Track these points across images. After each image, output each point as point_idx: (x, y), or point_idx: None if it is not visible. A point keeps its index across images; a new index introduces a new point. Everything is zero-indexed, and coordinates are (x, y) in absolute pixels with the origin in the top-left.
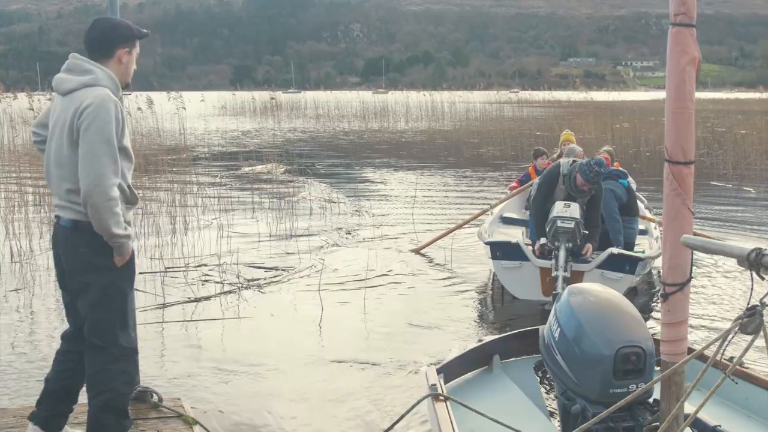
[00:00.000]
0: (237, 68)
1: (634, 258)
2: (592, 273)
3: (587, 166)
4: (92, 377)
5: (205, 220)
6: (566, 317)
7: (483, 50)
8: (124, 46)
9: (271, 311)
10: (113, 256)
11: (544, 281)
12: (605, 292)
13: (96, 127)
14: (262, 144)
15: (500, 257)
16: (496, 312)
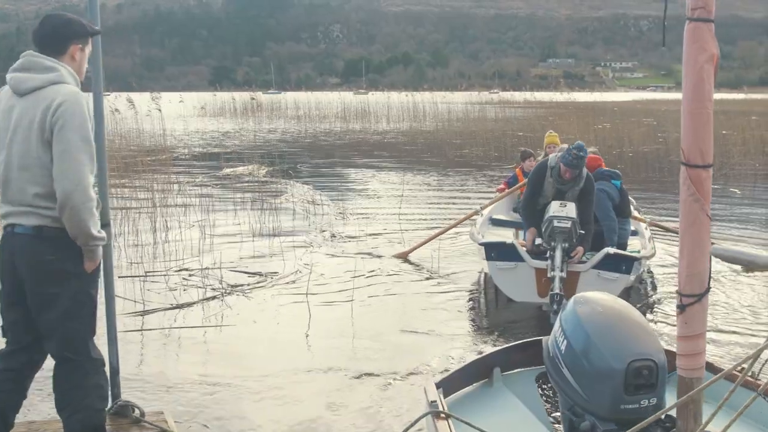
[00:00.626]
0: (216, 69)
1: (630, 258)
2: (588, 273)
3: (566, 152)
4: (66, 395)
5: (187, 223)
6: (573, 328)
7: (462, 51)
8: (77, 42)
9: (256, 318)
10: (82, 261)
11: (539, 282)
12: (614, 301)
13: (73, 124)
14: (243, 145)
15: (495, 258)
16: (490, 315)
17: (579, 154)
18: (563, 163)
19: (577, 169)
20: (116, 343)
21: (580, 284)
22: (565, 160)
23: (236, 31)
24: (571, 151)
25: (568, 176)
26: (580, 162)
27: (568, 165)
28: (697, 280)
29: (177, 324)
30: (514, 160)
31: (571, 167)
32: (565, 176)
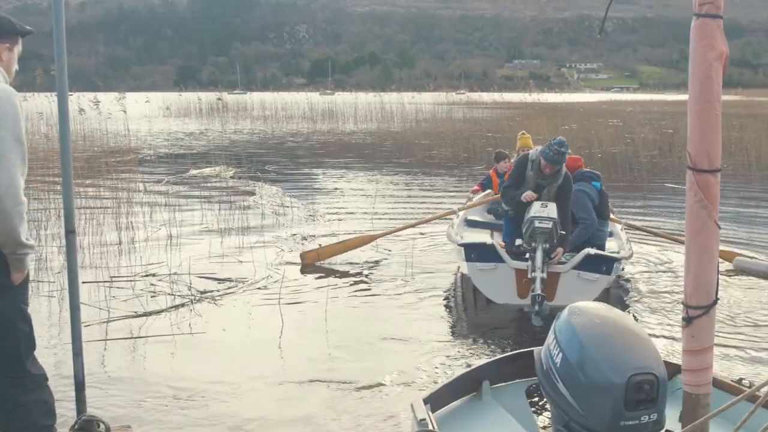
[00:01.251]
0: (181, 69)
1: (611, 258)
2: (569, 274)
3: (548, 146)
4: (9, 415)
5: (153, 226)
6: (569, 340)
7: (429, 52)
8: (5, 41)
9: (227, 326)
10: (8, 273)
11: (519, 283)
12: (610, 311)
13: (6, 123)
14: (209, 146)
15: (474, 259)
16: (470, 318)
17: (560, 150)
18: (543, 158)
19: (557, 165)
20: (82, 355)
21: (561, 285)
22: (545, 155)
23: (202, 31)
24: (552, 147)
25: (548, 171)
26: (561, 158)
27: (548, 160)
28: (704, 291)
29: (144, 333)
30: (484, 161)
31: (551, 162)
32: (545, 171)
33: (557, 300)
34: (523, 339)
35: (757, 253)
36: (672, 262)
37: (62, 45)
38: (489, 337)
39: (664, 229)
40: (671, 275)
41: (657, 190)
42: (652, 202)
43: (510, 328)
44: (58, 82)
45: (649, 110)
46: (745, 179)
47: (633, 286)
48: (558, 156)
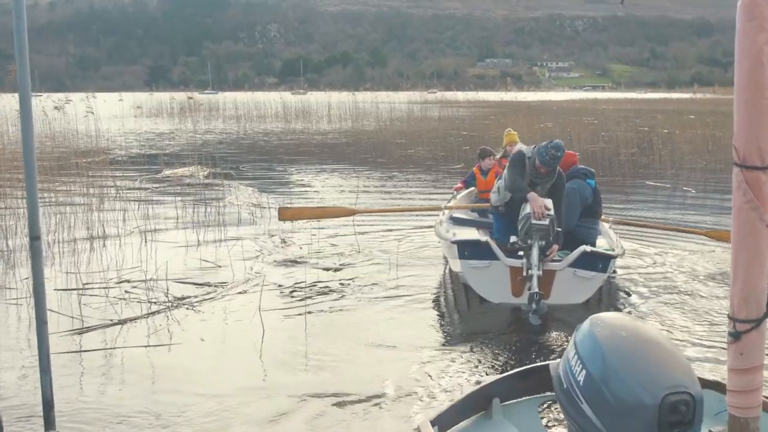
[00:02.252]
0: (152, 69)
1: (607, 256)
2: (564, 272)
3: (544, 148)
4: None
5: (127, 229)
6: (593, 355)
7: (401, 51)
8: None
9: (206, 334)
10: None
11: (514, 281)
12: (636, 322)
13: None
14: (182, 146)
15: (468, 257)
16: (463, 318)
17: (556, 155)
18: (540, 160)
19: (551, 168)
20: (49, 372)
21: (556, 283)
22: (542, 158)
23: (172, 31)
24: (549, 150)
25: (543, 172)
26: (556, 162)
27: (544, 163)
28: (754, 302)
29: (119, 343)
30: (462, 160)
31: (546, 165)
32: (540, 171)
33: (553, 298)
34: (521, 340)
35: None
36: (660, 256)
37: (24, 44)
38: (485, 340)
39: None
40: (661, 272)
41: (639, 187)
42: (634, 199)
43: (506, 329)
44: (21, 83)
45: (622, 108)
46: (730, 173)
47: (625, 285)
48: (553, 160)
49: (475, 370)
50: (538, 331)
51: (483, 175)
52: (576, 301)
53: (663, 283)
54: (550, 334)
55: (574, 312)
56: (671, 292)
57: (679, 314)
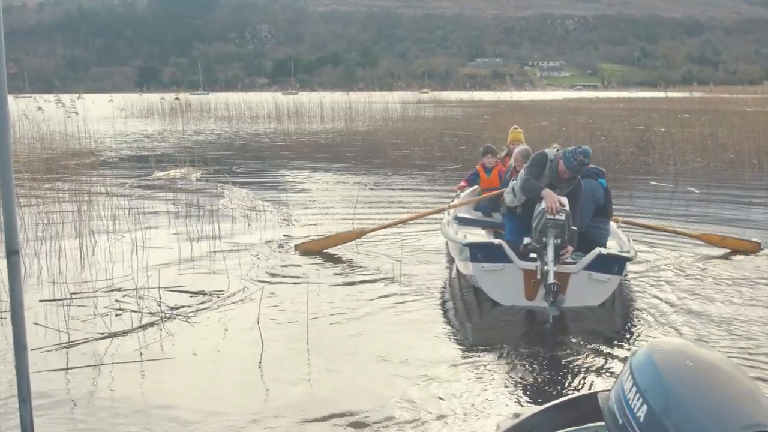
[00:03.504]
0: (142, 70)
1: (623, 258)
2: (579, 275)
3: (572, 153)
4: None
5: (117, 234)
6: (654, 388)
7: (391, 51)
8: None
9: (201, 349)
10: None
11: (527, 284)
12: (704, 351)
13: None
14: (174, 147)
15: (481, 259)
16: (475, 326)
17: (584, 161)
18: (565, 165)
19: (577, 173)
20: (29, 401)
21: (571, 286)
22: (568, 162)
23: (162, 31)
24: (577, 156)
25: (565, 177)
26: (582, 168)
27: (570, 168)
28: None
29: (109, 359)
30: (459, 160)
31: (572, 171)
32: (562, 176)
33: (568, 301)
34: (537, 350)
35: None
36: (667, 258)
37: (0, 43)
38: (500, 352)
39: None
40: (672, 275)
41: (642, 187)
42: (639, 200)
43: (522, 338)
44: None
45: (615, 107)
46: (733, 172)
47: (636, 288)
48: (580, 166)
49: (490, 387)
50: (554, 338)
51: (487, 173)
52: (591, 304)
53: (677, 286)
54: (568, 341)
55: (591, 316)
56: (687, 296)
57: (701, 320)
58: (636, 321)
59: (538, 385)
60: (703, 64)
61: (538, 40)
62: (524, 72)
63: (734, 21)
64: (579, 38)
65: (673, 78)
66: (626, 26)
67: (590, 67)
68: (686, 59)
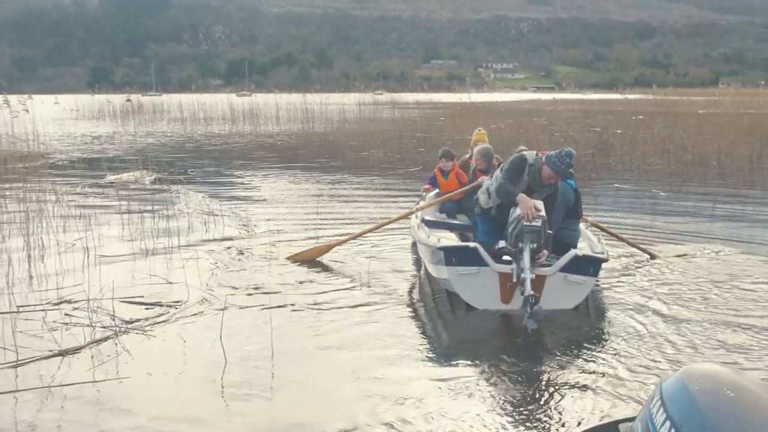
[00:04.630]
0: (94, 70)
1: (598, 259)
2: (555, 277)
3: (557, 157)
4: None
5: (67, 241)
6: (690, 420)
7: (347, 52)
8: None
9: (160, 366)
10: None
11: (503, 288)
12: (743, 379)
13: None
14: (126, 149)
15: (456, 263)
16: (450, 335)
17: (571, 163)
18: (552, 169)
19: (563, 178)
20: None
21: (547, 288)
22: (555, 166)
23: (114, 31)
24: (564, 159)
25: (550, 182)
26: (569, 171)
27: (558, 173)
28: None
29: (59, 379)
30: (419, 162)
31: (559, 175)
32: (545, 180)
33: (543, 304)
34: (517, 357)
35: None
36: (635, 258)
37: None
38: (479, 361)
39: (625, 232)
40: (642, 276)
41: (605, 190)
42: (603, 202)
43: (499, 345)
44: None
45: (570, 109)
46: (694, 174)
47: (606, 290)
48: (568, 169)
49: (470, 404)
50: (531, 348)
51: (444, 177)
52: (566, 307)
53: (648, 288)
54: (546, 349)
55: (566, 321)
56: (658, 297)
57: (677, 322)
58: (613, 326)
59: (520, 401)
60: (655, 67)
61: (492, 43)
62: (479, 74)
63: (684, 25)
64: (533, 41)
65: (626, 80)
66: (579, 29)
67: (544, 69)
68: (638, 62)
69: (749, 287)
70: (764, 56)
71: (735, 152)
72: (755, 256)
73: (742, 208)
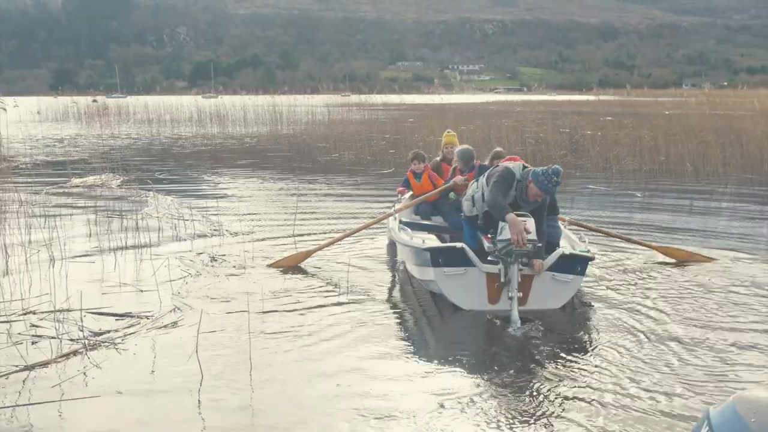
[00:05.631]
0: (57, 72)
1: (585, 258)
2: (543, 276)
3: (545, 176)
4: None
5: (32, 248)
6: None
7: (312, 54)
8: None
9: (132, 381)
10: None
11: (491, 288)
12: None
13: None
14: (91, 152)
15: (443, 264)
16: (435, 335)
17: (558, 181)
18: (539, 187)
19: (550, 194)
20: None
21: (534, 288)
22: (542, 185)
23: (77, 33)
24: (551, 178)
25: (538, 200)
26: (555, 189)
27: (545, 190)
28: None
29: (25, 398)
30: (392, 164)
31: (546, 193)
32: (534, 198)
33: (531, 303)
34: (507, 361)
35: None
36: (613, 257)
37: None
38: (468, 370)
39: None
40: (622, 275)
41: (580, 192)
42: (579, 204)
43: (488, 352)
44: None
45: (536, 110)
46: (668, 175)
47: (588, 291)
48: (555, 187)
49: (461, 418)
50: (521, 352)
51: (417, 179)
52: (553, 306)
53: (630, 287)
54: (537, 354)
55: (553, 321)
56: (643, 297)
57: (661, 320)
58: (600, 326)
59: (514, 412)
60: (619, 68)
61: (457, 44)
62: (445, 75)
63: (647, 26)
64: (497, 42)
65: (591, 81)
66: (544, 31)
67: (509, 71)
68: (602, 63)
69: (749, 290)
70: (726, 57)
71: (708, 153)
72: (754, 257)
73: (717, 205)
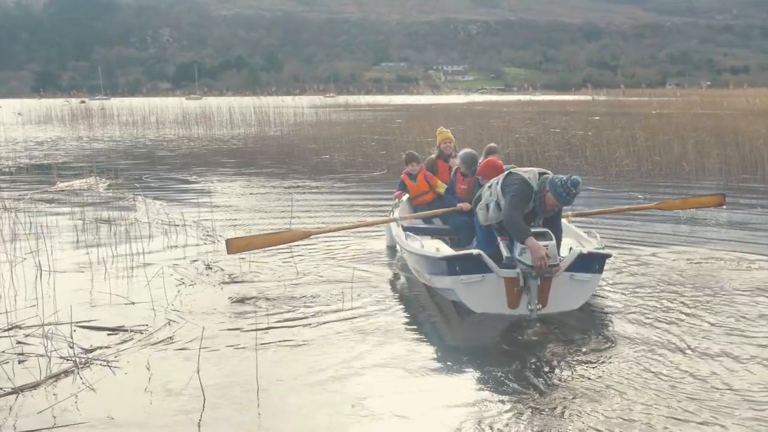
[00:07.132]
0: (39, 74)
1: (603, 255)
2: (562, 277)
3: (563, 188)
4: None
5: (17, 256)
6: None
7: (296, 55)
8: None
9: (126, 407)
10: None
11: (510, 293)
12: None
13: None
14: (77, 155)
15: (460, 272)
16: (456, 337)
17: (576, 193)
18: (557, 199)
19: (567, 204)
20: None
21: (554, 289)
22: (560, 196)
23: (60, 35)
24: (570, 189)
25: (555, 209)
26: (573, 200)
27: (563, 202)
28: None
29: (11, 424)
30: (384, 165)
31: (563, 203)
32: (551, 208)
33: (551, 306)
34: (524, 369)
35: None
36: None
37: None
38: (484, 385)
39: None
40: (630, 271)
41: (583, 195)
42: (578, 207)
43: (506, 353)
44: None
45: (524, 110)
46: (668, 176)
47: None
48: (572, 198)
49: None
50: (538, 352)
51: (413, 180)
52: (573, 307)
53: (638, 284)
54: (555, 354)
55: (571, 324)
56: (655, 293)
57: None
58: (617, 326)
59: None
60: (603, 68)
61: (441, 45)
62: (429, 76)
63: (631, 26)
64: (482, 42)
65: (575, 81)
66: (528, 31)
67: (494, 71)
68: (586, 63)
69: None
70: (709, 57)
71: (705, 153)
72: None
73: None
